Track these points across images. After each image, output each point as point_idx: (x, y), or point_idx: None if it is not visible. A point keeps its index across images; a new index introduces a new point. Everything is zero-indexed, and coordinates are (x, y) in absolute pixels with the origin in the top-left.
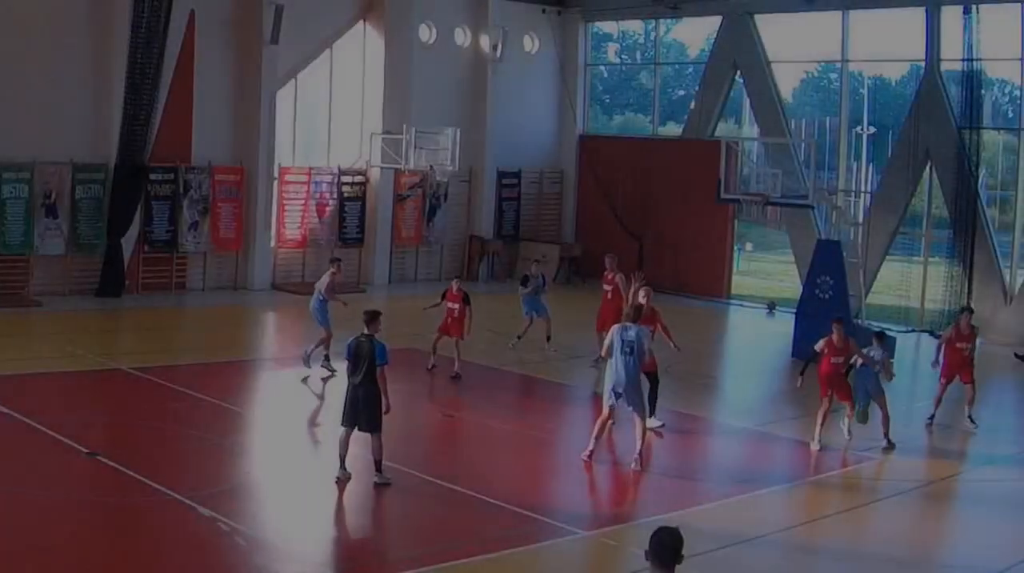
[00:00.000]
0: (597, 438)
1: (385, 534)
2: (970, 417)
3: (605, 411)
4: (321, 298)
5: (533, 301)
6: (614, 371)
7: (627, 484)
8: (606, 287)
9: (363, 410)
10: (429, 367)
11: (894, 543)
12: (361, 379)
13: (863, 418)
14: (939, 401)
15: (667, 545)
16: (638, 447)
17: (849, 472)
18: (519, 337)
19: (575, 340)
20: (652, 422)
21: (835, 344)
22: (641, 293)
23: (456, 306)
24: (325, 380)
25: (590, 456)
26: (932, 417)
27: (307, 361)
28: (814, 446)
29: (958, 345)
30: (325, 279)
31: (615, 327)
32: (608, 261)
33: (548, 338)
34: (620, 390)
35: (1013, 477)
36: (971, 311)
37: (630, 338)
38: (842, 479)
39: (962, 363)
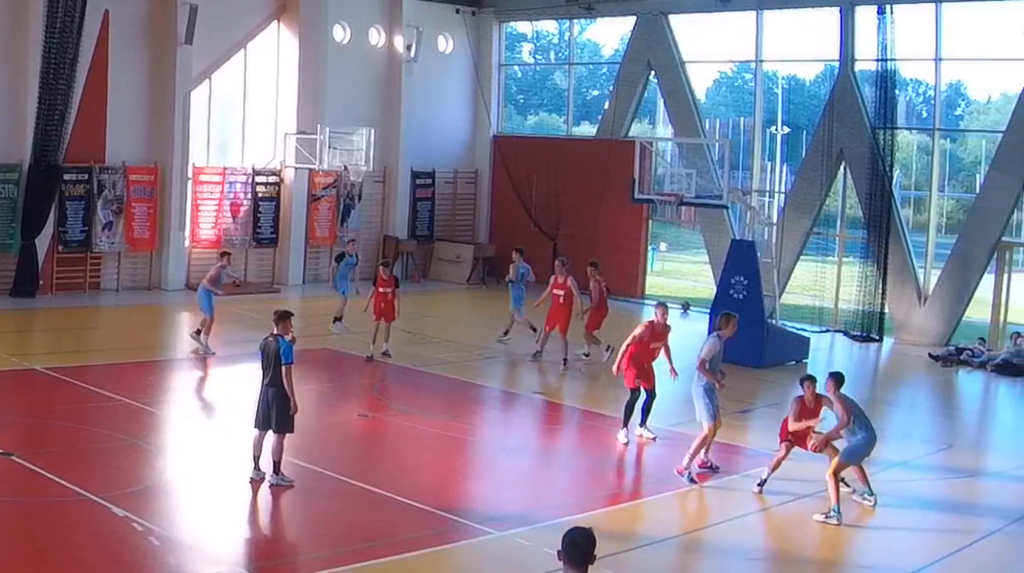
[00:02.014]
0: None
1: (299, 534)
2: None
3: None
4: (206, 289)
5: (517, 292)
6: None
7: (541, 484)
8: (557, 292)
9: (272, 410)
10: (369, 357)
11: (807, 544)
12: (270, 379)
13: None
14: (775, 466)
15: (579, 545)
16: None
17: (762, 472)
18: (506, 333)
19: (490, 340)
20: (621, 436)
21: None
22: (658, 311)
23: (389, 290)
24: (198, 355)
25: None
26: (763, 482)
27: (207, 354)
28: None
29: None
30: (212, 270)
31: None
32: (559, 266)
33: (506, 332)
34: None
35: (926, 478)
36: (813, 380)
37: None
38: (755, 479)
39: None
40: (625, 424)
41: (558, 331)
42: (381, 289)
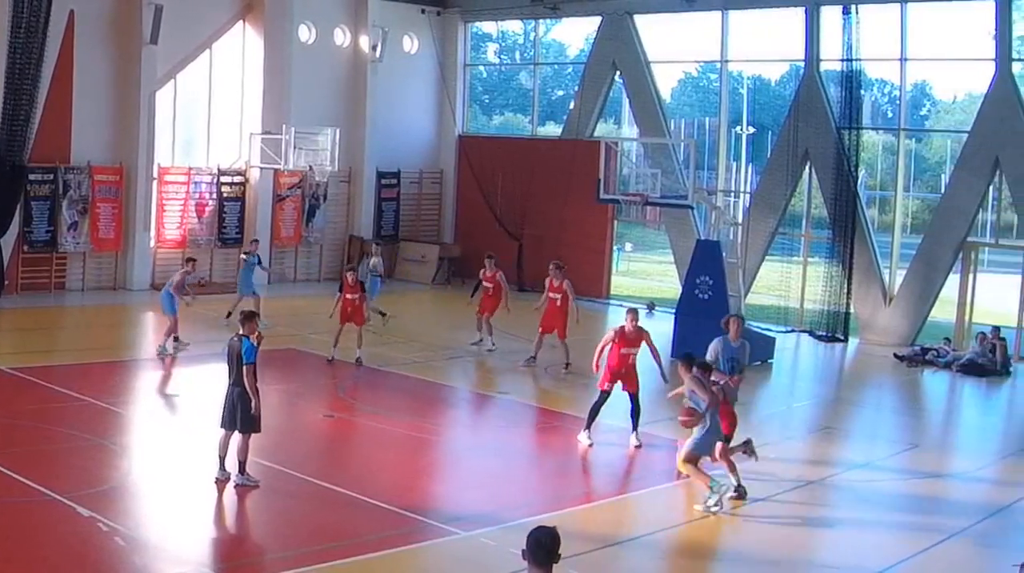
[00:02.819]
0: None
1: (264, 534)
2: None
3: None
4: (169, 292)
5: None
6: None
7: (506, 484)
8: (553, 295)
9: (237, 410)
10: (330, 359)
11: (771, 544)
12: (235, 379)
13: None
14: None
15: (544, 544)
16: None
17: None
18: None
19: (454, 340)
20: (583, 438)
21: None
22: (627, 317)
23: (356, 296)
24: (166, 357)
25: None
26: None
27: (163, 354)
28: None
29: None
30: (176, 276)
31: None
32: (553, 269)
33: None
34: None
35: (892, 478)
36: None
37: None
38: (721, 479)
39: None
40: (588, 426)
41: (556, 336)
42: (348, 294)
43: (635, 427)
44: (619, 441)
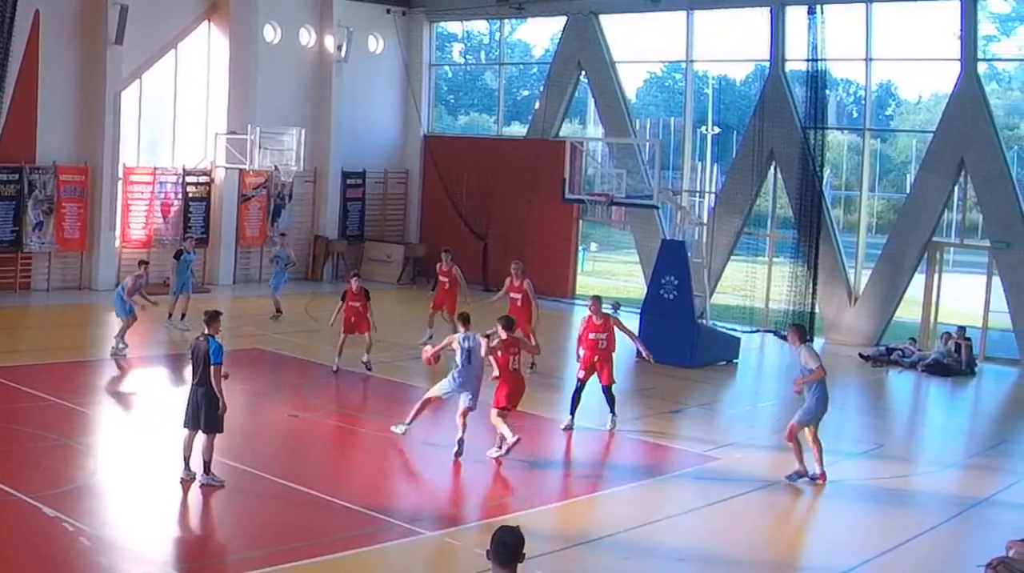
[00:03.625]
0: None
1: (229, 534)
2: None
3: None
4: (120, 296)
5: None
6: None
7: (471, 485)
8: (514, 295)
9: (201, 410)
10: (335, 370)
11: (737, 543)
12: (199, 379)
13: None
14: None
15: (508, 544)
16: None
17: (694, 472)
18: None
19: (419, 340)
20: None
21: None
22: (590, 305)
23: (359, 303)
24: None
25: None
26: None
27: (117, 355)
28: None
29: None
30: (128, 280)
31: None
32: (514, 269)
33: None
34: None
35: (858, 478)
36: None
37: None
38: (686, 480)
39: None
40: (572, 411)
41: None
42: (351, 302)
43: (612, 411)
44: (587, 440)
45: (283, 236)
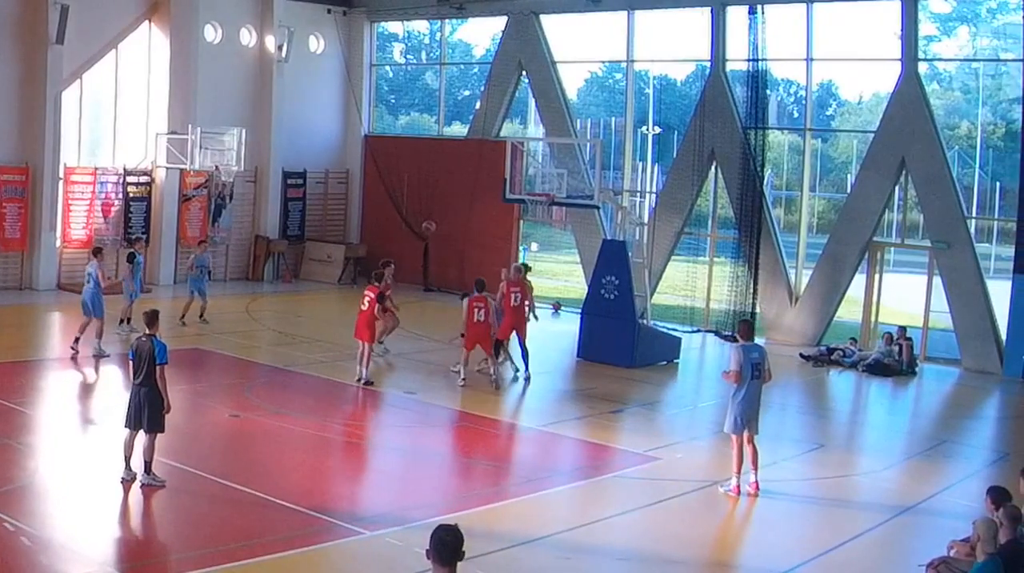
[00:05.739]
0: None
1: (170, 534)
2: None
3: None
4: (97, 293)
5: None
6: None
7: (412, 484)
8: (513, 290)
9: (144, 410)
10: (359, 380)
11: (676, 544)
12: (143, 379)
13: None
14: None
15: (448, 543)
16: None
17: (633, 472)
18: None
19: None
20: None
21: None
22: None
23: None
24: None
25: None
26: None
27: (98, 353)
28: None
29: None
30: (95, 272)
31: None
32: (508, 273)
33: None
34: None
35: (798, 478)
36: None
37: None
38: (627, 479)
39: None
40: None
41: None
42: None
43: (526, 363)
44: (528, 440)
45: (202, 243)
